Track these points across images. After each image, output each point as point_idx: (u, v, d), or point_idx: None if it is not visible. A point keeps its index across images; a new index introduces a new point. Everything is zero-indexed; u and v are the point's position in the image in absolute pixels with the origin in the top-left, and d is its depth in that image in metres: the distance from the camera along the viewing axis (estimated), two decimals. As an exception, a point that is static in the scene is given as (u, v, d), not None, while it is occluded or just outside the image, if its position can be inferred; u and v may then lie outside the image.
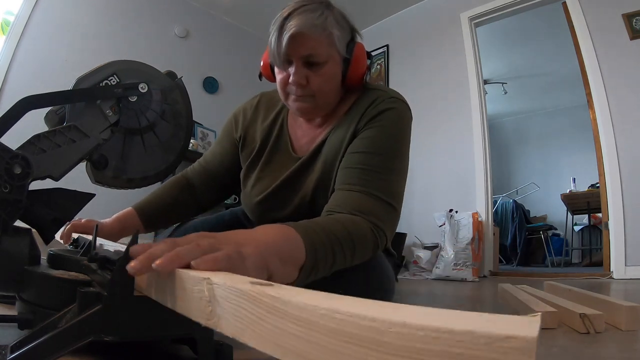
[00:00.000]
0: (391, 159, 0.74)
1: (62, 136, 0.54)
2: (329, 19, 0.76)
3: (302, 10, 0.74)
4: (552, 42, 4.17)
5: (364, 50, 0.83)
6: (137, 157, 0.63)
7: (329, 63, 0.77)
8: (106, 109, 0.59)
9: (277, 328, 0.21)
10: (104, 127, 0.59)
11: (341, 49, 0.79)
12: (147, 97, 0.61)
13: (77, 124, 0.56)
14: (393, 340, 0.16)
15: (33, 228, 0.55)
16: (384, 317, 0.17)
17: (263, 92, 0.99)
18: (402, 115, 0.80)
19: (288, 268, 0.46)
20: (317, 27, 0.74)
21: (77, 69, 2.76)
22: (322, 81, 0.77)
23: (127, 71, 0.61)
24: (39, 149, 0.52)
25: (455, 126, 3.14)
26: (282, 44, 0.73)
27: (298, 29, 0.72)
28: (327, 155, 0.81)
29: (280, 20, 0.74)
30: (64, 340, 0.34)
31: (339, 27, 0.78)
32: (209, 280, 0.27)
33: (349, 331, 0.18)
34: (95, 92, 0.58)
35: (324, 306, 0.19)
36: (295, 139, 0.89)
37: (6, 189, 0.48)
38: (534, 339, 0.13)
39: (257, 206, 0.89)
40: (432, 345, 0.15)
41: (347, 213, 0.65)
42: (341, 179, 0.74)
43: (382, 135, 0.76)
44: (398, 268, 1.05)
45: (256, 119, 0.94)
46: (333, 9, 0.79)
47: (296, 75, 0.76)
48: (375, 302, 0.21)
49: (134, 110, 0.61)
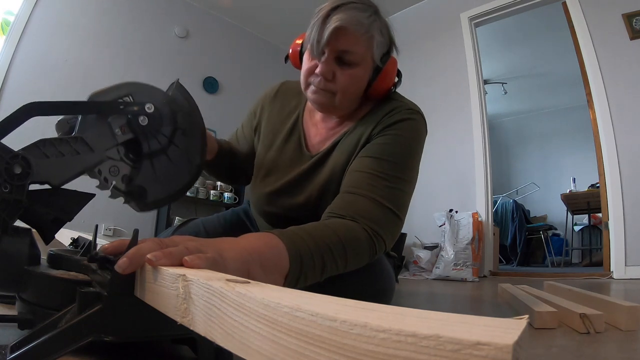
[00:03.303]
0: (401, 169, 0.74)
1: (68, 146, 0.54)
2: (375, 23, 0.75)
3: (352, 6, 0.73)
4: (552, 42, 4.17)
5: (396, 66, 0.82)
6: (164, 176, 0.64)
7: (360, 66, 0.77)
8: (115, 127, 0.59)
9: (243, 326, 0.20)
10: (111, 145, 0.58)
11: (376, 56, 0.78)
12: (157, 118, 0.61)
13: (84, 136, 0.56)
14: (354, 343, 0.14)
15: (33, 228, 0.55)
16: (345, 317, 0.15)
17: (285, 81, 0.99)
18: (418, 127, 0.79)
19: (272, 276, 0.46)
20: (363, 27, 0.73)
21: (77, 69, 2.77)
22: (348, 81, 0.76)
23: (142, 94, 0.61)
24: (42, 154, 0.52)
25: (455, 126, 3.14)
26: (325, 33, 0.72)
27: (344, 23, 0.71)
28: (339, 157, 0.80)
29: (328, 9, 0.73)
30: (64, 340, 0.34)
31: (381, 35, 0.77)
32: (185, 277, 0.27)
33: (311, 332, 0.16)
34: (100, 106, 0.57)
35: (287, 304, 0.18)
36: (309, 137, 0.88)
37: (6, 189, 0.48)
38: (509, 347, 0.11)
39: (265, 197, 0.88)
40: (393, 350, 0.13)
41: (349, 217, 0.65)
42: (349, 182, 0.73)
43: (396, 144, 0.75)
44: (398, 269, 1.05)
45: (272, 109, 0.94)
46: (380, 16, 0.78)
47: (324, 67, 0.75)
48: (346, 301, 0.19)
49: (150, 132, 0.61)
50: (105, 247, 0.43)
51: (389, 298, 0.91)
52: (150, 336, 0.38)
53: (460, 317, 0.14)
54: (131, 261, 0.34)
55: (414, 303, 1.40)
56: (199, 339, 0.43)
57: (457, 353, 0.12)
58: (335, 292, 0.24)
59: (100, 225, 2.94)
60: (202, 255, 0.34)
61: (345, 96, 0.78)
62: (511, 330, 0.12)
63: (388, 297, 0.90)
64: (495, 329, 0.13)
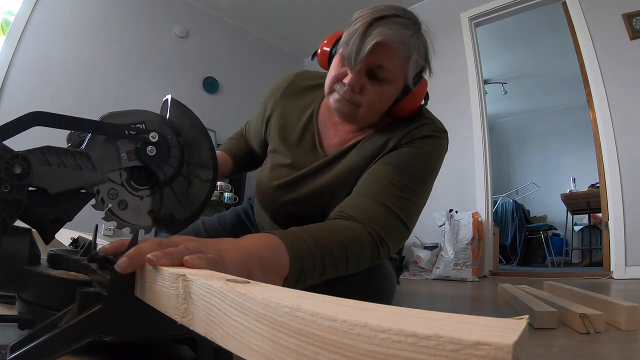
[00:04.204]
0: (419, 182, 0.73)
1: (72, 158, 0.54)
2: (416, 42, 0.73)
3: (396, 20, 0.70)
4: (552, 42, 4.17)
5: (426, 89, 0.80)
6: (185, 196, 0.65)
7: (391, 84, 0.74)
8: (122, 152, 0.59)
9: (243, 326, 0.20)
10: (114, 168, 0.59)
11: (410, 76, 0.75)
12: (164, 145, 0.62)
13: (90, 153, 0.56)
14: (354, 342, 0.14)
15: (33, 228, 0.55)
16: (345, 317, 0.15)
17: (299, 72, 0.96)
18: (442, 147, 0.80)
19: (271, 277, 0.46)
20: (404, 45, 0.70)
21: (77, 69, 2.77)
22: (375, 97, 0.74)
23: (154, 122, 0.62)
24: (45, 160, 0.52)
25: (455, 126, 3.13)
26: (364, 46, 0.68)
27: (386, 39, 0.68)
28: (356, 160, 0.79)
29: (371, 19, 0.69)
30: (64, 340, 0.34)
31: (418, 55, 0.75)
32: (185, 277, 0.27)
33: (310, 331, 0.16)
34: (105, 128, 0.58)
35: (287, 304, 0.18)
36: (325, 136, 0.86)
37: (6, 189, 0.48)
38: (509, 347, 0.11)
39: (272, 191, 0.87)
40: (393, 350, 0.13)
41: (356, 219, 0.65)
42: (364, 185, 0.72)
43: (419, 157, 0.75)
44: (400, 270, 1.05)
45: (284, 103, 0.92)
46: (422, 34, 0.76)
47: (354, 78, 0.72)
48: (346, 301, 0.19)
49: (162, 160, 0.62)
50: (106, 247, 0.43)
51: (390, 300, 0.91)
52: (150, 336, 0.38)
53: (460, 317, 0.14)
54: (131, 261, 0.34)
55: (414, 303, 1.40)
56: (199, 339, 0.43)
57: (457, 353, 0.12)
58: (335, 294, 0.24)
59: (100, 226, 2.94)
60: (202, 256, 0.34)
61: (370, 111, 0.76)
62: (511, 330, 0.12)
63: (389, 298, 0.90)
64: (495, 329, 0.13)
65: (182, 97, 0.74)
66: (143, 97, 3.20)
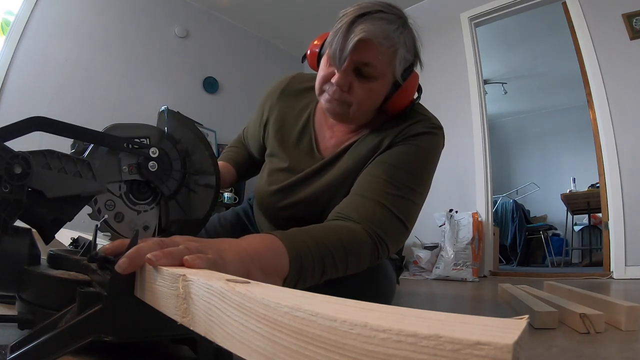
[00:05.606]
0: (416, 180, 0.73)
1: (73, 165, 0.54)
2: (401, 36, 0.72)
3: (379, 16, 0.70)
4: (552, 42, 4.16)
5: (417, 82, 0.79)
6: (190, 207, 0.66)
7: (379, 80, 0.73)
8: (124, 164, 0.59)
9: (243, 326, 0.21)
10: (114, 180, 0.59)
11: (398, 72, 0.74)
12: (167, 162, 0.62)
13: (92, 162, 0.56)
14: (354, 342, 0.14)
15: (33, 228, 0.55)
16: (345, 317, 0.15)
17: (295, 75, 0.95)
18: (437, 143, 0.79)
19: (271, 277, 0.46)
20: (388, 41, 0.69)
21: (77, 69, 2.76)
22: (364, 95, 0.73)
23: (157, 138, 0.62)
24: (46, 163, 0.52)
25: (455, 126, 3.14)
26: (347, 44, 0.68)
27: (369, 35, 0.67)
28: (351, 161, 0.79)
29: (353, 16, 0.68)
30: (64, 340, 0.34)
31: (406, 49, 0.74)
32: (185, 277, 0.27)
33: (310, 331, 0.16)
34: (105, 139, 0.58)
35: (287, 304, 0.18)
36: (322, 139, 0.86)
37: (6, 189, 0.48)
38: (509, 347, 0.11)
39: (270, 196, 0.88)
40: (393, 350, 0.13)
41: (355, 220, 0.65)
42: (361, 185, 0.72)
43: (414, 155, 0.74)
44: (400, 271, 1.05)
45: (281, 106, 0.91)
46: (408, 27, 0.75)
47: (341, 77, 0.71)
48: (346, 301, 0.19)
49: (164, 174, 0.62)
50: (106, 247, 0.43)
51: (390, 300, 0.91)
52: (150, 336, 0.38)
53: (460, 317, 0.14)
54: (131, 261, 0.34)
55: (414, 303, 1.40)
56: (199, 339, 0.43)
57: (457, 353, 0.12)
58: (335, 294, 0.24)
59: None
60: (202, 256, 0.34)
61: (360, 109, 0.75)
62: (511, 330, 0.12)
63: (389, 298, 0.90)
64: (495, 329, 0.13)
65: (182, 97, 0.75)
66: (143, 97, 3.20)
